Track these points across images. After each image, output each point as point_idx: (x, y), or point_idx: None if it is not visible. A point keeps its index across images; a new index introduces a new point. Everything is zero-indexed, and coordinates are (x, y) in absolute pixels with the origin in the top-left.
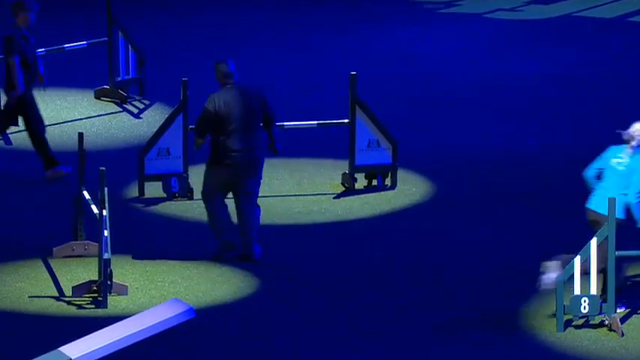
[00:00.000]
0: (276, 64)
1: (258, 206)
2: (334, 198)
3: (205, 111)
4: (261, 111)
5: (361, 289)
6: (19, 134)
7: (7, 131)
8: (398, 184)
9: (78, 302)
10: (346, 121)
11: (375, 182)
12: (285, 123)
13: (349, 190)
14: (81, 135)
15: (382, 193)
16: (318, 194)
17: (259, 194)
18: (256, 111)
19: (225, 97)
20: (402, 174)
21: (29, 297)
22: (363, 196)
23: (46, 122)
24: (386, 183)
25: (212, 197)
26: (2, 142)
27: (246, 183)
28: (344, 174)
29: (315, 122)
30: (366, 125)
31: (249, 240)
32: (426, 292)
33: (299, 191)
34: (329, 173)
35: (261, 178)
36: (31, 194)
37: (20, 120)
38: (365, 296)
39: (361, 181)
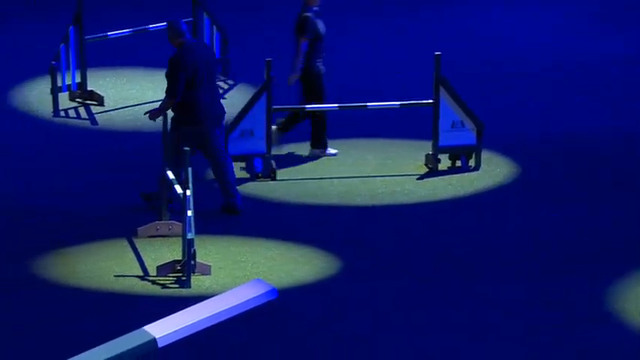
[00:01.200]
0: (360, 45)
1: (230, 160)
2: (417, 179)
3: (177, 70)
4: (215, 65)
5: (443, 271)
6: (103, 114)
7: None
8: (482, 166)
9: (162, 282)
10: (430, 101)
11: (458, 163)
12: (369, 103)
13: (433, 172)
14: (165, 116)
15: (466, 174)
16: (401, 175)
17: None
18: (214, 65)
19: (190, 53)
20: (486, 155)
21: (114, 276)
22: (446, 177)
23: (131, 102)
24: (470, 164)
25: (223, 157)
26: (89, 123)
27: (215, 138)
28: (427, 155)
29: (399, 103)
30: (450, 106)
31: (232, 192)
32: (509, 275)
33: (382, 172)
34: (412, 154)
35: (223, 134)
36: (117, 175)
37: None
38: (446, 279)
39: (445, 162)
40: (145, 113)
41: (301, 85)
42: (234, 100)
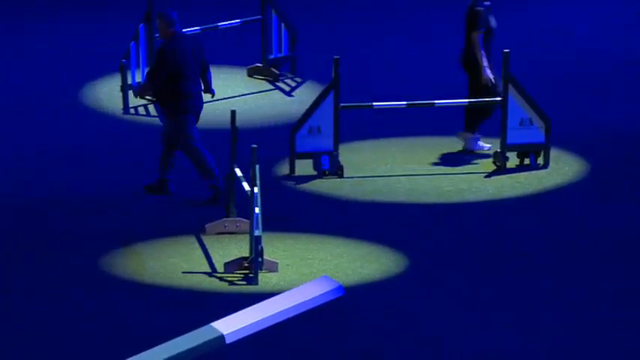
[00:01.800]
0: (429, 41)
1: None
2: (485, 177)
3: (165, 58)
4: (202, 58)
5: (511, 269)
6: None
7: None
8: (550, 163)
9: (229, 278)
10: (499, 99)
11: (527, 161)
12: (437, 101)
13: (500, 169)
14: (233, 112)
15: (534, 172)
16: (469, 173)
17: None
18: (200, 57)
19: (179, 44)
20: (554, 153)
21: (182, 272)
22: (514, 175)
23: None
24: (538, 162)
25: (198, 144)
26: (158, 120)
27: (193, 127)
28: (495, 152)
29: (467, 100)
30: (519, 103)
31: (217, 175)
32: (578, 273)
33: (450, 170)
34: (480, 152)
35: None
36: (183, 172)
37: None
38: (515, 277)
39: (513, 160)
40: (133, 89)
41: (470, 78)
42: (302, 97)
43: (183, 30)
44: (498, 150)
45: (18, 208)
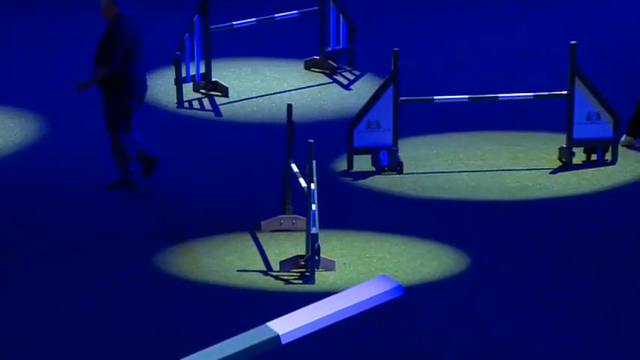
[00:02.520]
0: (492, 34)
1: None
2: (550, 173)
3: (116, 39)
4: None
5: (576, 270)
6: (227, 105)
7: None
8: (619, 160)
9: (285, 277)
10: (564, 92)
11: (594, 157)
12: (500, 95)
13: (566, 165)
14: (290, 106)
15: (602, 168)
16: (533, 169)
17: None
18: (143, 39)
19: (128, 24)
20: (623, 149)
21: (237, 271)
22: (581, 171)
23: (255, 93)
24: (606, 158)
25: (128, 137)
26: (212, 114)
27: (135, 111)
28: (561, 148)
29: (532, 94)
30: (586, 97)
31: (131, 170)
32: None
33: (513, 166)
34: (545, 147)
35: None
36: (241, 168)
37: None
38: (579, 278)
39: (579, 156)
40: (74, 82)
41: None
42: (361, 90)
43: (238, 23)
44: (564, 145)
45: (72, 205)
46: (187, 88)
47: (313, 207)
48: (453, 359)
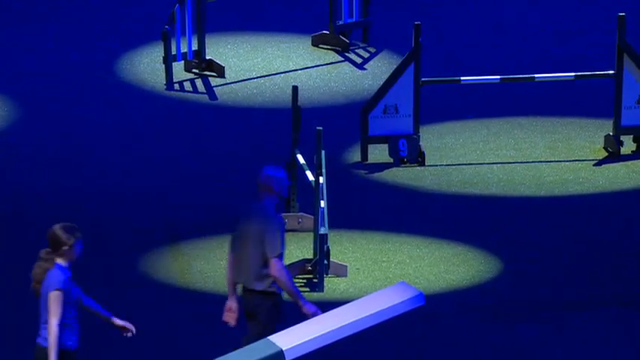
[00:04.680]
0: (527, 5)
1: None
2: (595, 165)
3: None
4: None
5: (620, 273)
6: (223, 87)
7: None
8: None
9: None
10: (612, 72)
11: None
12: (537, 75)
13: (614, 156)
14: (295, 88)
15: None
16: (575, 160)
17: None
18: None
19: None
20: None
21: None
22: (630, 162)
23: (255, 74)
24: None
25: None
26: (207, 97)
27: None
28: (607, 136)
29: (573, 74)
30: (636, 77)
31: None
32: None
33: (552, 157)
34: (589, 135)
35: None
36: (239, 159)
37: None
38: (625, 281)
39: (628, 145)
40: None
41: None
42: (376, 70)
43: None
44: (611, 133)
45: (48, 193)
46: (178, 68)
47: (322, 204)
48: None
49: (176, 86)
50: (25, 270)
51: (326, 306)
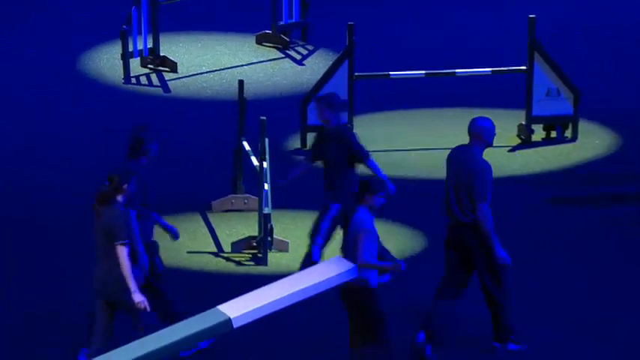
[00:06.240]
0: (451, 7)
1: None
2: (509, 151)
3: None
4: None
5: (535, 250)
6: (176, 81)
7: None
8: (579, 137)
9: (237, 258)
10: (524, 68)
11: (553, 134)
12: (458, 70)
13: (525, 143)
14: (241, 82)
15: (561, 145)
16: (491, 147)
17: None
18: None
19: None
20: (583, 125)
21: (188, 252)
22: (540, 149)
23: (205, 69)
24: (566, 135)
25: None
26: (161, 90)
27: None
28: (520, 125)
29: (490, 69)
30: (545, 73)
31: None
32: (609, 253)
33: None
34: (504, 124)
35: None
36: (190, 146)
37: None
38: (529, 253)
39: (539, 133)
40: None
41: None
42: (314, 66)
43: None
44: (523, 122)
45: (15, 182)
46: (134, 64)
47: (266, 186)
48: (399, 329)
49: (133, 80)
50: None
51: (269, 279)
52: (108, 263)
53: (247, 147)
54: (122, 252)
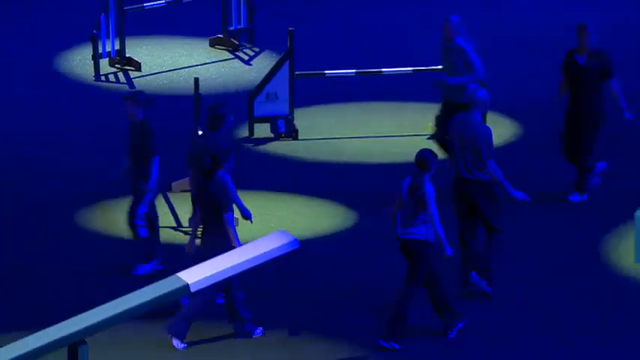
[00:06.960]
0: (387, 11)
1: None
2: (428, 139)
3: None
4: None
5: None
6: (140, 79)
7: None
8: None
9: None
10: (440, 67)
11: None
12: (384, 69)
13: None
14: (196, 80)
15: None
16: (413, 135)
17: None
18: None
19: None
20: (489, 115)
21: None
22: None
23: (166, 68)
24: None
25: None
26: (127, 87)
27: None
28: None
29: (411, 69)
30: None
31: None
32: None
33: (397, 133)
34: (425, 116)
35: None
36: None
37: None
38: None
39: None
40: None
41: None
42: (260, 65)
43: (149, 4)
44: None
45: None
46: (104, 64)
47: None
48: (338, 298)
49: (102, 78)
50: None
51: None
52: (214, 229)
53: (199, 132)
54: (227, 218)
